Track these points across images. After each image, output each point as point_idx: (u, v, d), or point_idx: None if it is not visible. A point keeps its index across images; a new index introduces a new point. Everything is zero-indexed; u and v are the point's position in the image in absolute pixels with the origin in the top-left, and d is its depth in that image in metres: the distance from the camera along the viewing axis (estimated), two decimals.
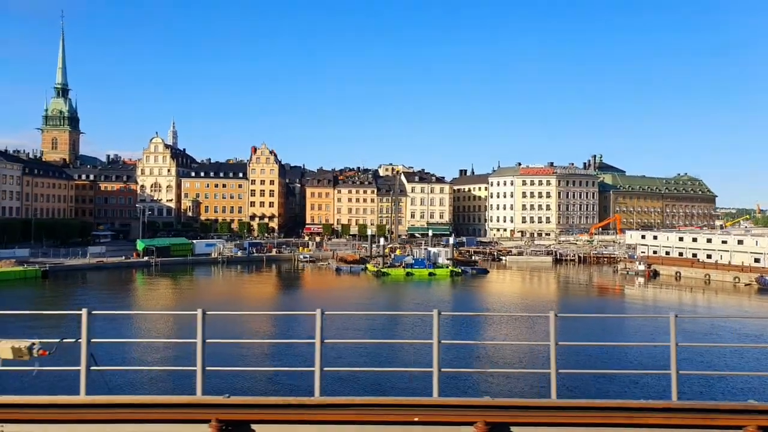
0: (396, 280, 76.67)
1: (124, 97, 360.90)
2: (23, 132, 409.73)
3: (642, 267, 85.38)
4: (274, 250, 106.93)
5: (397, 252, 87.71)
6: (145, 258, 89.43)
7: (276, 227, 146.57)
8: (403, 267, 79.02)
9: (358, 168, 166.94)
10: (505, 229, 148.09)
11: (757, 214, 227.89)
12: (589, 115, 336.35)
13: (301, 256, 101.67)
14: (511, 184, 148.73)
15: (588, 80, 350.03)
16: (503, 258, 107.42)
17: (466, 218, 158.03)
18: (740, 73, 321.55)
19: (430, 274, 78.26)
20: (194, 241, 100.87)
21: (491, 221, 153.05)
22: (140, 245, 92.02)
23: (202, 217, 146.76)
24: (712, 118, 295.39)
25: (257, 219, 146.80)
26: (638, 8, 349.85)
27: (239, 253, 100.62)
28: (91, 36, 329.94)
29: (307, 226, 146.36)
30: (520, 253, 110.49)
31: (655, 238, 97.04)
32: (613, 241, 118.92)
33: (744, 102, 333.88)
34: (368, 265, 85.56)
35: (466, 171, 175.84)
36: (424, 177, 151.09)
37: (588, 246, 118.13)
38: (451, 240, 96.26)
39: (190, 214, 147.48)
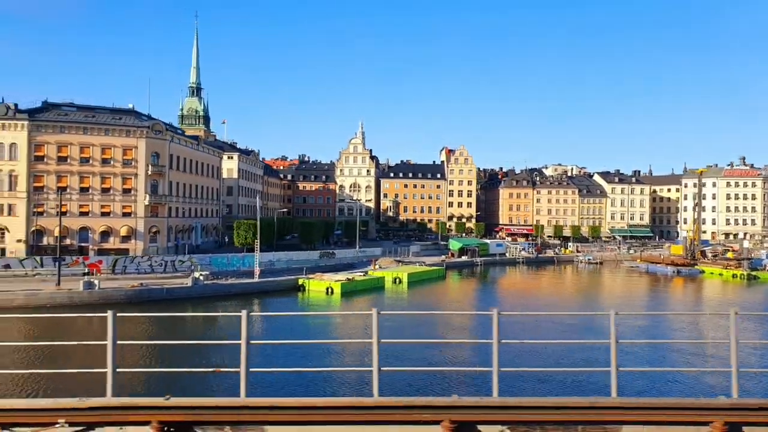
0: (765, 283, 76.19)
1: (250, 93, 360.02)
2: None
3: None
4: (549, 251, 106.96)
5: (729, 254, 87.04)
6: (463, 258, 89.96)
7: (473, 228, 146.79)
8: None
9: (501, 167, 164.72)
10: (704, 231, 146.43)
11: None
12: (727, 114, 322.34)
13: (584, 258, 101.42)
14: (713, 185, 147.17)
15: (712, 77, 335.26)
16: None
17: (657, 220, 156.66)
18: None
19: None
20: (488, 241, 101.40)
21: (685, 223, 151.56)
22: (455, 245, 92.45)
23: (401, 217, 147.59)
24: None
25: (455, 219, 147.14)
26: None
27: (524, 253, 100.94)
28: (224, 35, 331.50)
29: (506, 227, 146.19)
30: None
31: None
32: None
33: None
34: (704, 267, 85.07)
35: (639, 172, 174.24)
36: (623, 178, 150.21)
37: None
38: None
39: (390, 214, 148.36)
